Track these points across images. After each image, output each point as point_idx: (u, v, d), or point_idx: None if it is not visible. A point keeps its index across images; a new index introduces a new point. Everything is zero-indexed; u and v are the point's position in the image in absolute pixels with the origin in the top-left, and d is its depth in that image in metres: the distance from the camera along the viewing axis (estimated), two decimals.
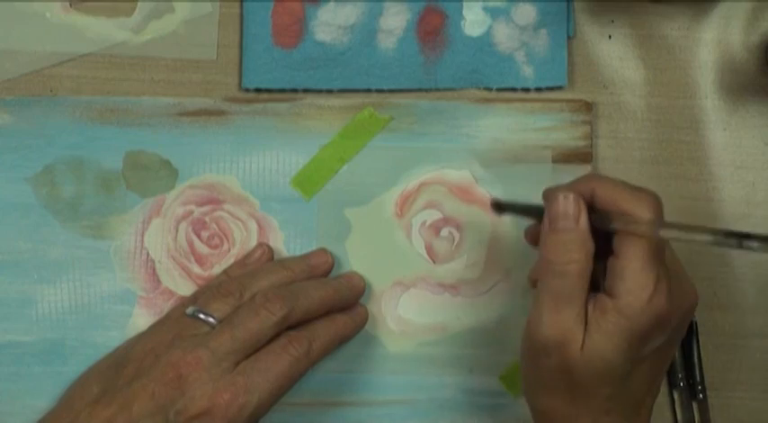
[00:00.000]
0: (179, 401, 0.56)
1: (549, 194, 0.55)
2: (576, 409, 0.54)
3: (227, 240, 0.65)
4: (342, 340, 0.62)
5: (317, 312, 0.61)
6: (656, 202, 0.53)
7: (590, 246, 0.53)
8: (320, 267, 0.64)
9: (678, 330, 0.54)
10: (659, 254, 0.52)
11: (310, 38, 0.66)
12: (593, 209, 0.54)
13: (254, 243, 0.65)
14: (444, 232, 0.65)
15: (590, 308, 0.53)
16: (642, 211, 0.52)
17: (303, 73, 0.66)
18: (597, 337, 0.52)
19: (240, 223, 0.65)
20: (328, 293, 0.61)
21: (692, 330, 0.65)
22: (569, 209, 0.54)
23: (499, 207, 0.58)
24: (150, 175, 0.65)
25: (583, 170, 0.65)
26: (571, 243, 0.53)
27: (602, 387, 0.53)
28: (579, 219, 0.53)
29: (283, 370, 0.57)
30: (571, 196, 0.54)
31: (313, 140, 0.66)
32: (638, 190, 0.54)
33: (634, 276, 0.52)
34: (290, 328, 0.59)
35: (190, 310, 0.60)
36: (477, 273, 0.65)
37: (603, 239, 0.53)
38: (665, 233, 0.52)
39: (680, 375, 0.65)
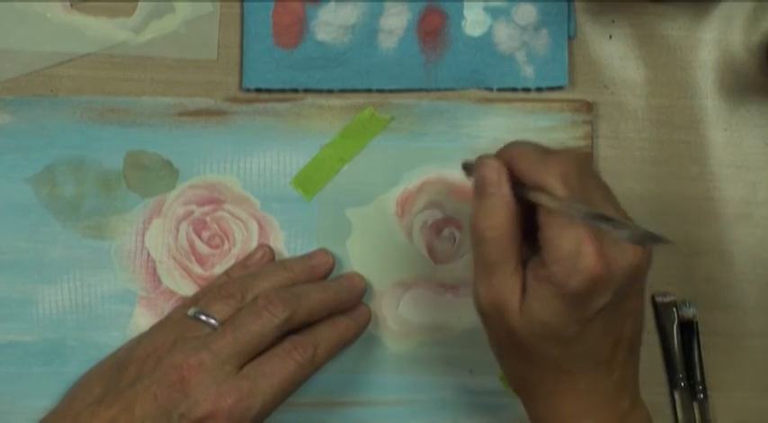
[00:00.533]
0: (182, 405, 0.56)
1: (476, 161, 0.54)
2: (537, 371, 0.54)
3: (228, 240, 0.65)
4: (346, 344, 0.62)
5: (318, 315, 0.61)
6: (566, 167, 0.52)
7: (511, 210, 0.53)
8: (321, 268, 0.64)
9: (629, 286, 0.53)
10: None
11: (311, 38, 0.66)
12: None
13: (254, 243, 0.65)
14: (445, 232, 0.65)
15: (529, 273, 0.52)
16: (549, 181, 0.52)
17: (304, 73, 0.66)
18: (533, 301, 0.52)
19: (241, 223, 0.65)
20: (329, 296, 0.61)
21: (692, 330, 0.65)
22: (492, 175, 0.53)
23: (468, 169, 0.58)
24: (151, 175, 0.65)
25: None
26: (492, 209, 0.53)
27: (552, 348, 0.53)
28: (500, 184, 0.53)
29: (288, 375, 0.58)
30: (493, 163, 0.53)
31: (314, 140, 0.66)
32: (547, 156, 0.53)
33: (555, 244, 0.51)
34: (292, 330, 0.59)
35: (191, 311, 0.60)
36: None
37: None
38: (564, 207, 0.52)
39: (680, 375, 0.65)
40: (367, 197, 0.66)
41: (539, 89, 0.67)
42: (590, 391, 0.54)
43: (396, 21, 0.66)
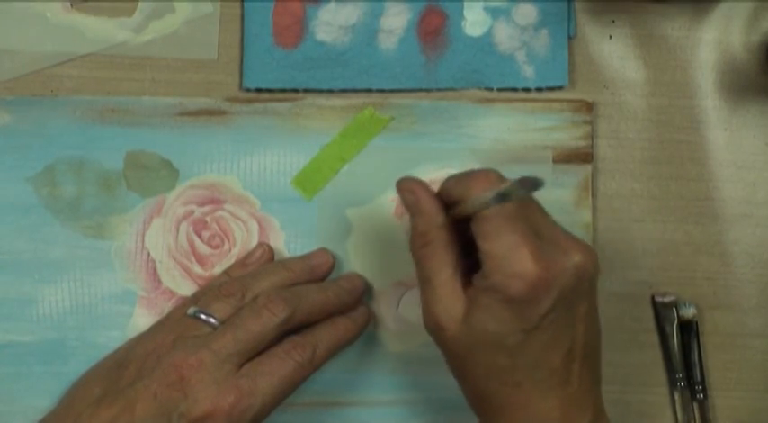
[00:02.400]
0: (182, 404, 0.56)
1: (396, 186, 0.57)
2: (488, 384, 0.55)
3: (228, 240, 0.65)
4: (345, 345, 0.62)
5: (318, 315, 0.61)
6: (488, 178, 0.54)
7: (436, 227, 0.55)
8: (321, 267, 0.64)
9: (574, 289, 0.53)
10: (507, 226, 0.52)
11: (311, 38, 0.66)
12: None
13: (254, 243, 0.65)
14: None
15: (474, 288, 0.54)
16: (467, 195, 0.53)
17: (304, 73, 0.66)
18: (477, 311, 0.53)
19: (241, 223, 0.65)
20: (329, 297, 0.61)
21: (692, 330, 0.65)
22: (408, 198, 0.56)
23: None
24: (151, 175, 0.65)
25: (583, 170, 0.65)
26: (416, 228, 0.55)
27: (496, 358, 0.53)
28: (418, 203, 0.55)
29: (287, 375, 0.58)
30: (408, 185, 0.56)
31: (314, 140, 0.66)
32: (469, 175, 0.54)
33: (491, 254, 0.52)
34: (291, 331, 0.59)
35: (191, 310, 0.60)
36: None
37: None
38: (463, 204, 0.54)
39: (680, 375, 0.65)
40: (367, 197, 0.66)
41: (539, 89, 0.67)
42: (545, 406, 0.54)
43: (396, 21, 0.66)
